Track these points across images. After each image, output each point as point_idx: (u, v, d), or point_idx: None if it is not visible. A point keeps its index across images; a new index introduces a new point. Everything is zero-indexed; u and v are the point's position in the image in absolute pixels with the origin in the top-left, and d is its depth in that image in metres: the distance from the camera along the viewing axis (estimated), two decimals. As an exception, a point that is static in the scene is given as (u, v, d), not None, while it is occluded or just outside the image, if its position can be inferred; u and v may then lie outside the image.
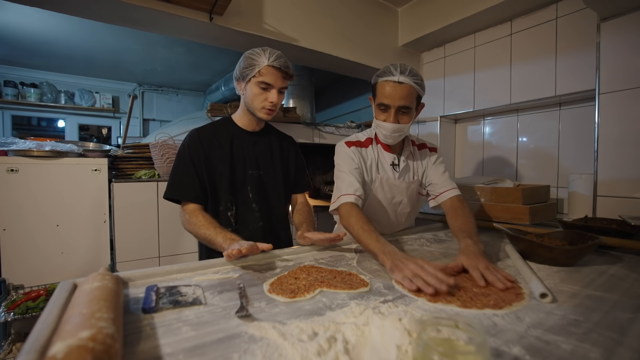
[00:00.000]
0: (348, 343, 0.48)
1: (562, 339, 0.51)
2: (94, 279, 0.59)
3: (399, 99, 1.08)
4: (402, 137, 1.21)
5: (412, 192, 1.28)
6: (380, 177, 1.22)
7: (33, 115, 4.09)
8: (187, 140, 1.15)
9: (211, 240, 1.00)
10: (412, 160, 1.28)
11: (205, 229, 1.02)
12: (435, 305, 0.64)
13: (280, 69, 1.08)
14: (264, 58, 1.07)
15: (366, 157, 1.23)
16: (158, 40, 3.00)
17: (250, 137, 1.21)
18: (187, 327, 0.55)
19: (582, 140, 1.70)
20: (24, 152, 1.57)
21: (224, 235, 0.98)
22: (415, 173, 1.28)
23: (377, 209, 1.26)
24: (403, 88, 1.07)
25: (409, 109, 1.11)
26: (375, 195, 1.24)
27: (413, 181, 1.27)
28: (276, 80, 1.09)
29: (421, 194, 1.32)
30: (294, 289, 0.72)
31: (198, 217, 1.06)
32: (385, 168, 1.24)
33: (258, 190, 1.19)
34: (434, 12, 2.07)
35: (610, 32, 1.37)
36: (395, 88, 1.08)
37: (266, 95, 1.10)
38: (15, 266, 1.54)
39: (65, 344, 0.35)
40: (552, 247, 0.89)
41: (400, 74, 1.07)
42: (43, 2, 1.37)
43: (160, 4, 1.42)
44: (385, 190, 1.24)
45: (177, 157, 1.15)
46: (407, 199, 1.27)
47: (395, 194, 1.25)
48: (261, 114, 1.14)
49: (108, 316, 0.44)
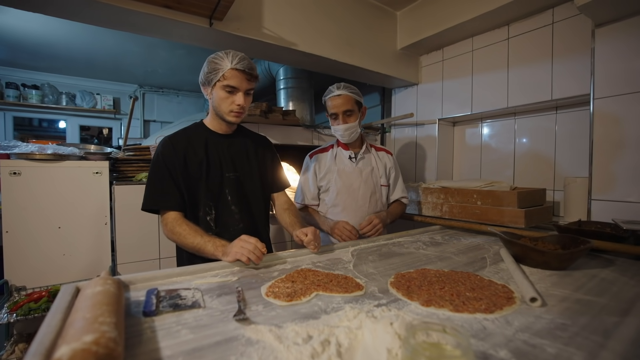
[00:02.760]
0: (341, 346, 0.50)
1: (548, 343, 0.53)
2: (96, 284, 0.60)
3: (342, 106, 1.46)
4: (355, 135, 1.52)
5: (367, 178, 1.56)
6: (338, 169, 1.56)
7: (34, 116, 4.11)
8: (160, 149, 1.12)
9: (200, 249, 1.00)
10: (370, 156, 1.61)
11: (192, 237, 1.02)
12: (428, 310, 0.66)
13: (244, 71, 1.07)
14: (227, 61, 1.07)
15: (323, 160, 1.60)
16: (158, 43, 3.02)
17: (224, 139, 1.20)
18: (186, 330, 0.57)
19: (579, 143, 1.71)
20: (27, 155, 1.59)
21: (214, 243, 0.98)
22: (374, 165, 1.59)
23: (343, 197, 1.54)
24: (342, 97, 1.47)
25: (351, 111, 1.48)
26: (337, 184, 1.54)
27: (368, 170, 1.57)
28: (241, 83, 1.08)
29: (383, 185, 1.61)
30: (291, 293, 0.73)
31: (182, 227, 1.05)
32: (344, 161, 1.58)
33: (236, 193, 1.18)
34: (433, 15, 2.08)
35: (605, 38, 1.38)
36: (337, 99, 1.47)
37: (232, 98, 1.10)
38: (18, 268, 1.56)
39: (70, 347, 0.37)
40: (544, 251, 0.91)
41: (337, 89, 1.47)
42: (44, 8, 1.39)
43: (160, 9, 1.43)
44: (344, 179, 1.55)
45: (152, 167, 1.12)
46: (363, 183, 1.55)
47: (352, 181, 1.55)
48: (229, 118, 1.13)
49: (110, 320, 0.46)
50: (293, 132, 2.28)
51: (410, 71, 2.42)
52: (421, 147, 2.44)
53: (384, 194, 1.62)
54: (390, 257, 1.08)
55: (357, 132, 1.52)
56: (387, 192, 1.63)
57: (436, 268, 0.94)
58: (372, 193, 1.56)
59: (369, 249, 1.18)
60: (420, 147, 2.45)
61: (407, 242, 1.29)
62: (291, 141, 2.27)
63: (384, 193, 1.62)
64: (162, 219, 1.11)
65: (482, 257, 1.08)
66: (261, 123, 2.10)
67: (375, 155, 1.62)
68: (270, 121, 2.12)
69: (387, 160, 1.64)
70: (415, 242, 1.30)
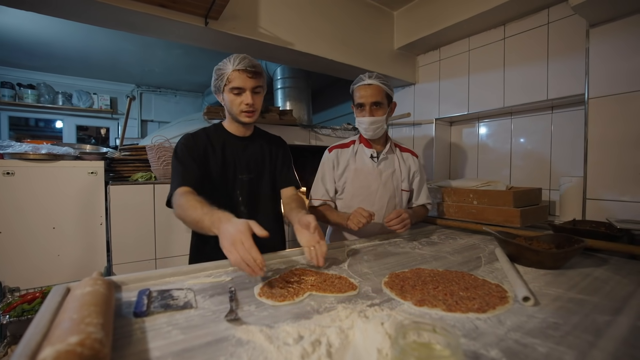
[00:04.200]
0: (331, 346, 0.50)
1: (539, 342, 0.52)
2: (85, 284, 0.60)
3: (371, 97, 1.34)
4: (380, 130, 1.40)
5: (386, 180, 1.43)
6: (355, 167, 1.43)
7: (30, 116, 4.09)
8: (183, 141, 1.17)
9: (199, 224, 0.91)
10: (394, 157, 1.48)
11: (193, 210, 0.93)
12: (421, 309, 0.66)
13: (245, 69, 1.10)
14: (229, 65, 1.11)
15: (343, 156, 1.47)
16: (155, 42, 3.01)
17: (241, 142, 1.25)
18: (177, 331, 0.56)
19: (574, 143, 1.72)
20: (20, 155, 1.58)
21: (211, 217, 0.88)
22: (396, 167, 1.47)
23: (358, 199, 1.42)
24: (372, 87, 1.34)
25: (380, 104, 1.35)
26: (353, 184, 1.43)
27: (389, 172, 1.44)
28: (245, 82, 1.11)
29: (404, 190, 1.48)
30: (284, 293, 0.73)
31: (188, 198, 0.98)
32: (364, 160, 1.45)
33: (247, 194, 1.22)
34: (429, 15, 2.08)
35: (599, 37, 1.39)
36: (367, 89, 1.35)
37: (240, 99, 1.13)
38: (12, 269, 1.55)
39: (54, 348, 0.37)
40: (538, 251, 0.91)
41: (368, 78, 1.35)
42: (39, 7, 1.38)
43: (156, 8, 1.43)
44: (361, 179, 1.43)
45: (173, 159, 1.14)
46: (382, 186, 1.43)
47: (370, 182, 1.42)
48: (242, 118, 1.16)
49: (97, 321, 0.46)
50: (290, 132, 2.27)
51: (407, 71, 2.42)
52: (418, 147, 2.44)
53: (405, 199, 1.49)
54: (385, 256, 1.08)
55: (383, 128, 1.40)
56: (407, 198, 1.51)
57: (431, 268, 0.93)
58: (391, 197, 1.44)
59: (365, 249, 1.18)
60: (417, 147, 2.45)
61: (403, 242, 1.29)
62: (288, 141, 2.22)
63: (405, 198, 1.49)
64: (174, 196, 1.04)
65: (477, 256, 1.08)
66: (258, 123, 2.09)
67: (400, 157, 1.49)
68: (267, 121, 2.11)
69: (412, 163, 1.51)
70: (411, 241, 1.30)
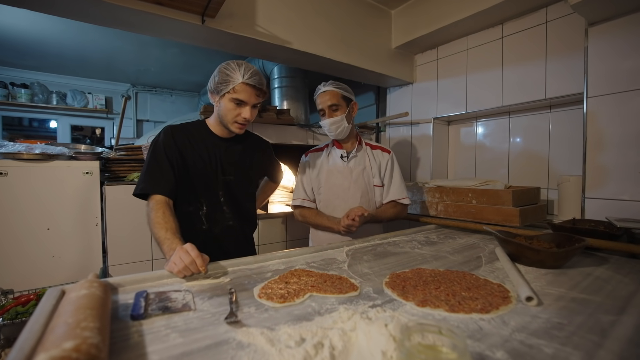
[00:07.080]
0: (335, 349, 0.49)
1: (545, 343, 0.52)
2: (81, 287, 0.58)
3: (328, 101, 1.48)
4: (343, 129, 1.50)
5: (357, 177, 1.53)
6: (328, 168, 1.56)
7: (24, 116, 4.03)
8: (161, 136, 1.13)
9: (160, 244, 0.93)
10: (364, 154, 1.57)
11: (158, 229, 0.94)
12: (423, 310, 0.65)
13: (254, 86, 1.09)
14: (238, 74, 1.07)
15: (317, 158, 1.62)
16: (151, 40, 2.97)
17: (223, 142, 1.22)
18: (176, 334, 0.55)
19: (572, 142, 1.72)
20: (14, 155, 1.55)
21: (169, 244, 0.89)
22: (367, 164, 1.55)
23: (333, 197, 1.54)
24: (327, 93, 1.49)
25: (337, 105, 1.48)
26: (328, 182, 1.55)
27: (359, 169, 1.53)
28: (250, 97, 1.10)
29: (376, 185, 1.56)
30: (284, 294, 0.72)
31: (157, 213, 0.99)
32: (335, 160, 1.58)
33: (229, 194, 1.22)
34: (427, 14, 2.08)
35: (598, 36, 1.39)
36: (323, 96, 1.50)
37: (239, 110, 1.12)
38: (5, 270, 1.52)
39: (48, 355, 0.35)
40: (539, 250, 0.91)
41: (323, 86, 1.50)
42: (32, 4, 1.35)
43: (152, 6, 1.40)
44: (333, 178, 1.54)
45: (151, 152, 1.11)
46: (353, 183, 1.53)
47: (342, 180, 1.54)
48: (233, 128, 1.16)
49: (94, 325, 0.44)
50: (287, 131, 2.26)
51: (404, 70, 2.41)
52: (416, 146, 2.44)
53: (378, 194, 1.56)
54: (385, 256, 1.07)
55: (344, 127, 1.49)
56: (381, 193, 1.57)
57: (431, 267, 0.93)
58: (364, 193, 1.52)
59: (364, 249, 1.17)
60: (415, 146, 2.44)
61: (402, 242, 1.28)
62: (285, 140, 2.26)
63: (378, 193, 1.56)
64: (147, 203, 1.05)
65: (478, 256, 1.08)
66: (255, 122, 2.08)
67: (370, 154, 1.58)
68: (264, 120, 2.10)
69: (382, 159, 1.58)
70: (410, 241, 1.29)
